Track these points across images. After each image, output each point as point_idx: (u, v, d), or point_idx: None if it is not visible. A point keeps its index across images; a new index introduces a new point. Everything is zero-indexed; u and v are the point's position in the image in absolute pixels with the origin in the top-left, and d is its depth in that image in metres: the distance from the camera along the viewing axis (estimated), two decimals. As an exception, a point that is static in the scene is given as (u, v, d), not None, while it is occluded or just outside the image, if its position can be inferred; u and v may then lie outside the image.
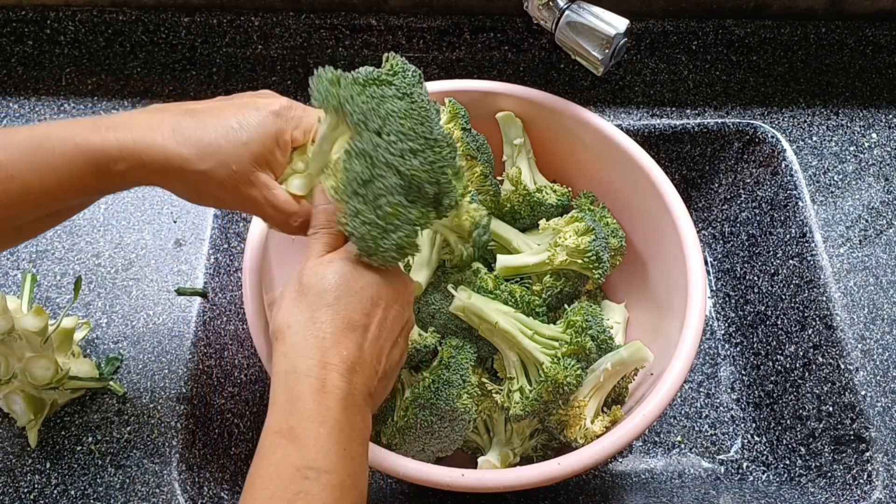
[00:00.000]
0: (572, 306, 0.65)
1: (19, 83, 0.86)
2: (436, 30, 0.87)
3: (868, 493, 0.67)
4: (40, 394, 0.63)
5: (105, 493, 0.63)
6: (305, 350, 0.45)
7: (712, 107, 0.87)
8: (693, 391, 0.85)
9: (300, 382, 0.44)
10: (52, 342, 0.64)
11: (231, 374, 0.74)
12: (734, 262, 0.89)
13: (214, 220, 0.77)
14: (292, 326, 0.46)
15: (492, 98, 0.75)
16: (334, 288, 0.47)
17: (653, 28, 0.88)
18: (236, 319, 0.78)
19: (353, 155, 0.48)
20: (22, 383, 0.62)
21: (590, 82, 0.88)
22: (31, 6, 0.85)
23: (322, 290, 0.47)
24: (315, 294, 0.47)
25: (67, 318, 0.66)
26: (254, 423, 0.76)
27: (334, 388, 0.45)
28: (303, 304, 0.47)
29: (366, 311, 0.48)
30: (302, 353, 0.45)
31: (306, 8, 0.87)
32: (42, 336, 0.62)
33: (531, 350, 0.61)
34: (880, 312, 0.74)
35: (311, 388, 0.44)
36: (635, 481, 0.77)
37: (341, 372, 0.45)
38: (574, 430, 0.62)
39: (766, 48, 0.90)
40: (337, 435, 0.44)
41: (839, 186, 0.82)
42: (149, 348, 0.69)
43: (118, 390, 0.66)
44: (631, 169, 0.72)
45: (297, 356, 0.45)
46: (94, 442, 0.65)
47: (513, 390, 0.63)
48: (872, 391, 0.70)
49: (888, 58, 0.90)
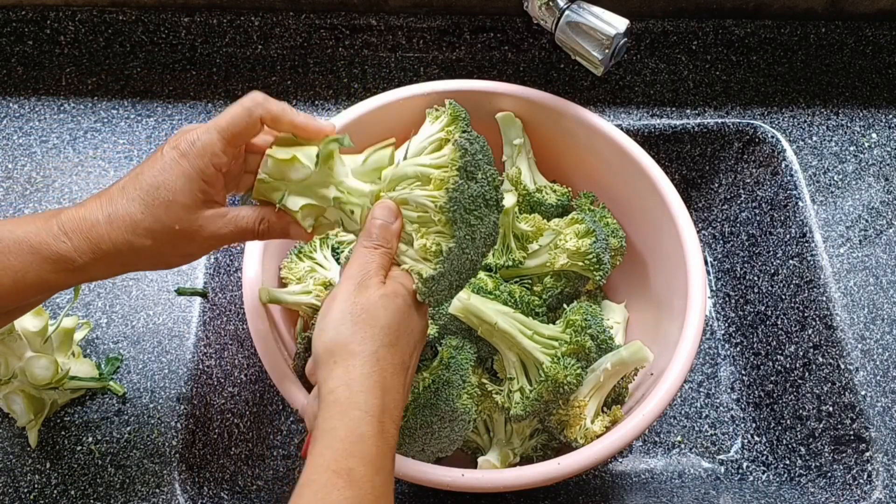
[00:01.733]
0: (571, 306, 0.65)
1: (19, 83, 0.86)
2: (436, 30, 0.87)
3: (868, 493, 0.67)
4: (40, 394, 0.63)
5: (105, 493, 0.63)
6: (369, 387, 0.44)
7: (712, 107, 0.87)
8: (693, 391, 0.85)
9: (363, 422, 0.43)
10: (52, 342, 0.64)
11: (231, 374, 0.74)
12: (734, 262, 0.89)
13: (214, 220, 0.77)
14: (357, 356, 0.45)
15: (492, 98, 0.75)
16: (397, 326, 0.47)
17: (653, 28, 0.88)
18: (236, 319, 0.78)
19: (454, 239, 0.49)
20: (22, 383, 0.62)
21: (590, 82, 0.88)
22: (31, 6, 0.85)
23: (387, 325, 0.46)
24: (380, 328, 0.46)
25: (67, 318, 0.66)
26: (254, 423, 0.76)
27: (390, 434, 0.44)
28: (367, 334, 0.46)
29: (410, 353, 0.49)
30: (366, 389, 0.44)
31: (306, 8, 0.87)
32: (42, 336, 0.62)
33: (531, 350, 0.61)
34: (880, 312, 0.74)
35: (372, 430, 0.43)
36: (635, 481, 0.77)
37: (394, 418, 0.45)
38: (574, 430, 0.62)
39: (766, 48, 0.90)
40: (389, 485, 0.44)
41: (839, 186, 0.82)
42: (149, 348, 0.69)
43: (118, 390, 0.66)
44: (631, 169, 0.72)
45: (361, 391, 0.44)
46: (94, 442, 0.65)
47: (513, 390, 0.63)
48: (872, 391, 0.70)
49: (888, 58, 0.90)
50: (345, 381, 0.44)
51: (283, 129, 0.51)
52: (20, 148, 0.81)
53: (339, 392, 0.44)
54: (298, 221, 0.51)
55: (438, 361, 0.62)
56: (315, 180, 0.50)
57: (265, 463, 0.76)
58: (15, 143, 0.81)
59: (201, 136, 0.47)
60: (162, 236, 0.47)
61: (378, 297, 0.47)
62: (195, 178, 0.47)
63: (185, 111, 0.84)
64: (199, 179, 0.47)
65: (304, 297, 0.67)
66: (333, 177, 0.51)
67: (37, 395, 0.63)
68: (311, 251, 0.71)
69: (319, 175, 0.50)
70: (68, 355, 0.66)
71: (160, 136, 0.82)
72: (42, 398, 0.64)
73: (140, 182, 0.47)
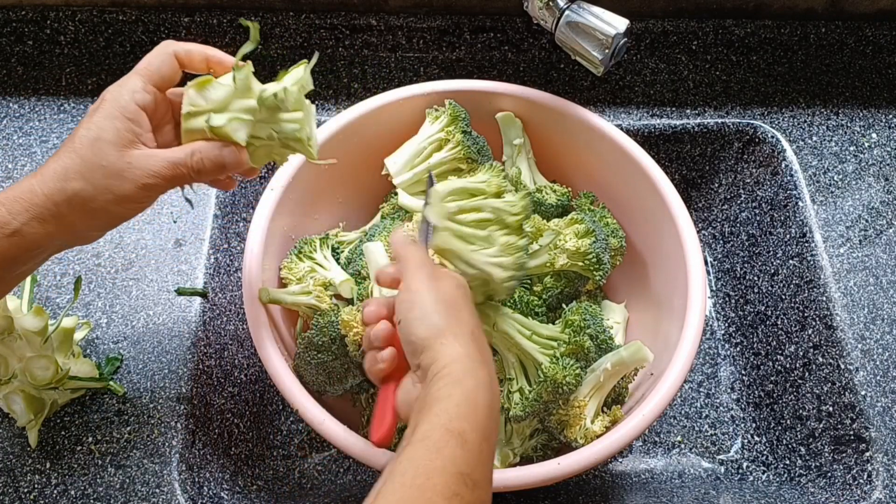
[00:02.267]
0: (571, 306, 0.65)
1: (19, 83, 0.86)
2: (436, 30, 0.87)
3: (868, 493, 0.67)
4: (40, 394, 0.63)
5: (105, 493, 0.63)
6: (478, 361, 0.48)
7: (712, 107, 0.87)
8: (693, 391, 0.85)
9: (478, 391, 0.46)
10: (52, 342, 0.64)
11: (231, 374, 0.74)
12: (734, 262, 0.89)
13: (214, 220, 0.77)
14: (459, 337, 0.49)
15: (492, 98, 0.75)
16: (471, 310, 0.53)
17: (653, 28, 0.88)
18: (236, 319, 0.78)
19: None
20: (22, 383, 0.62)
21: (590, 82, 0.88)
22: (31, 6, 0.85)
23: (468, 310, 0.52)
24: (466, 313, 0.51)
25: (67, 317, 0.66)
26: (254, 423, 0.76)
27: (495, 409, 0.48)
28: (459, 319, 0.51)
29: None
30: (475, 363, 0.48)
31: (306, 8, 0.87)
32: (42, 336, 0.62)
33: (530, 350, 0.61)
34: (880, 312, 0.74)
35: (485, 401, 0.47)
36: (635, 481, 0.77)
37: (496, 392, 0.49)
38: (574, 430, 0.62)
39: (766, 48, 0.90)
40: (491, 455, 0.47)
41: (839, 186, 0.82)
42: (149, 348, 0.69)
43: (118, 390, 0.66)
44: (631, 169, 0.72)
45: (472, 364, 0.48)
46: (94, 442, 0.65)
47: (512, 391, 0.63)
48: (872, 391, 0.70)
49: (888, 58, 0.90)
50: (455, 358, 0.48)
51: (197, 63, 0.53)
52: (20, 148, 0.81)
53: (452, 366, 0.47)
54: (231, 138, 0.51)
55: (438, 361, 0.62)
56: (236, 97, 0.51)
57: (265, 463, 0.76)
58: (15, 143, 0.81)
59: (122, 80, 0.50)
60: (91, 176, 0.48)
61: (454, 288, 0.52)
62: (118, 115, 0.49)
63: (185, 111, 0.84)
64: (122, 117, 0.49)
65: (304, 297, 0.67)
66: (252, 90, 0.52)
67: (37, 395, 0.63)
68: (311, 251, 0.71)
69: (239, 92, 0.51)
70: (68, 355, 0.66)
71: (160, 136, 0.82)
72: (42, 398, 0.64)
73: (70, 139, 0.49)
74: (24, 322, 0.61)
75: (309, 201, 0.74)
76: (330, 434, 0.58)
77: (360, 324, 0.62)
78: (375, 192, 0.80)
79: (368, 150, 0.75)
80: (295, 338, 0.70)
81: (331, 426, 0.58)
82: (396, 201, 0.74)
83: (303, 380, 0.64)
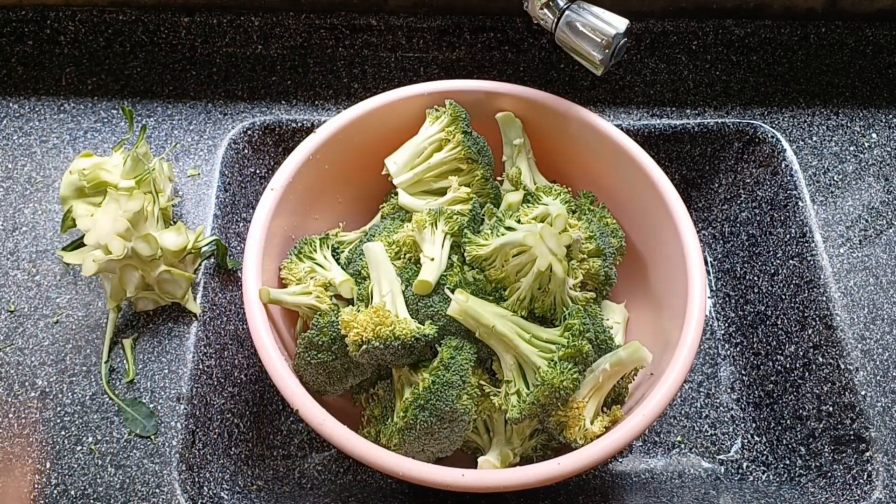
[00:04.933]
0: (571, 308, 0.65)
1: (19, 83, 0.86)
2: (436, 30, 0.87)
3: (868, 493, 0.67)
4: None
5: (105, 493, 0.63)
6: None
7: (712, 107, 0.87)
8: (693, 391, 0.85)
9: None
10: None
11: (231, 374, 0.75)
12: (734, 262, 0.89)
13: (214, 220, 0.77)
14: None
15: (492, 98, 0.75)
16: None
17: (653, 28, 0.88)
18: (236, 319, 0.78)
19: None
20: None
21: (590, 82, 0.88)
22: (31, 6, 0.85)
23: None
24: None
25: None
26: (254, 423, 0.76)
27: None
28: None
29: None
30: None
31: (306, 8, 0.87)
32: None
33: (528, 353, 0.61)
34: (880, 312, 0.74)
35: None
36: (635, 481, 0.77)
37: None
38: (573, 430, 0.62)
39: (766, 48, 0.90)
40: None
41: (839, 186, 0.82)
42: (149, 348, 0.69)
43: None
44: (631, 169, 0.72)
45: None
46: (94, 442, 0.65)
47: (510, 393, 0.62)
48: (872, 391, 0.70)
49: (888, 58, 0.90)
50: None
51: None
52: (20, 148, 0.81)
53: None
54: None
55: (438, 362, 0.62)
56: None
57: (265, 463, 0.76)
58: (15, 143, 0.81)
59: None
60: None
61: None
62: None
63: (185, 111, 0.84)
64: None
65: (304, 297, 0.67)
66: None
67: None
68: (311, 251, 0.71)
69: None
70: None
71: (160, 135, 0.82)
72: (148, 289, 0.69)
73: None
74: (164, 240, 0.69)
75: (309, 201, 0.74)
76: (330, 434, 0.58)
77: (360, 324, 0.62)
78: (375, 192, 0.80)
79: (368, 150, 0.75)
80: (295, 338, 0.70)
81: (331, 426, 0.58)
82: (396, 201, 0.74)
83: (303, 380, 0.64)
